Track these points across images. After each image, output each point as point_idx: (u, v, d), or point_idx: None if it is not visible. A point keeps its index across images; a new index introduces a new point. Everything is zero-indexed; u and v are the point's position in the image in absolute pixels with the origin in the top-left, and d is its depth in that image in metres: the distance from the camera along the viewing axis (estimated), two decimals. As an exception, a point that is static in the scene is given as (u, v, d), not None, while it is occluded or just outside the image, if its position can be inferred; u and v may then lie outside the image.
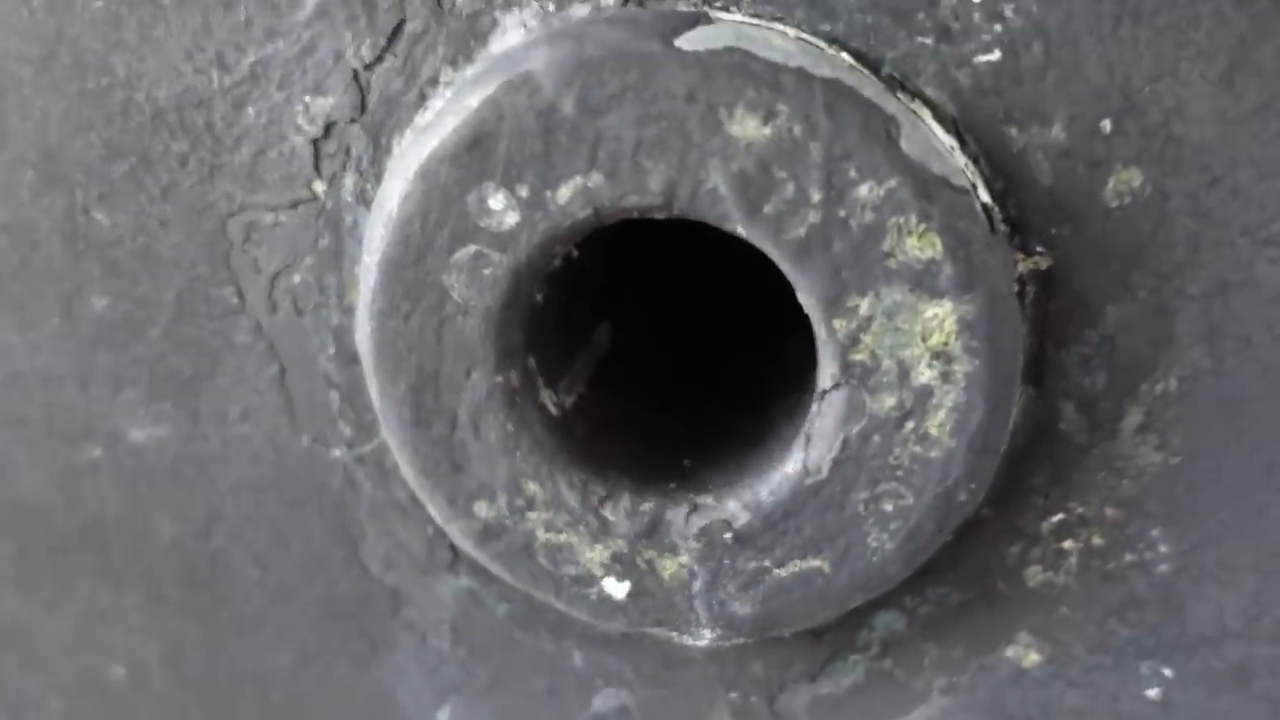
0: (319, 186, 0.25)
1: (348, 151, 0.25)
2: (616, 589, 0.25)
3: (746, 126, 0.21)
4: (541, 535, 0.25)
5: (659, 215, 0.22)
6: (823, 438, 0.23)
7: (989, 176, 0.22)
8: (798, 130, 0.21)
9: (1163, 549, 0.25)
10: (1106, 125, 0.22)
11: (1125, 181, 0.22)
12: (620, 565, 0.25)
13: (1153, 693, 0.26)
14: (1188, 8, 0.21)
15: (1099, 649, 0.26)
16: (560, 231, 0.23)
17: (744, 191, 0.22)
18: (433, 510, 0.26)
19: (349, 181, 0.25)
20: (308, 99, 0.25)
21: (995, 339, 0.22)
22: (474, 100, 0.22)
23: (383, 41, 0.24)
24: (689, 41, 0.21)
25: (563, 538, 0.25)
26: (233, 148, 0.26)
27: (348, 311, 0.26)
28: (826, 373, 0.23)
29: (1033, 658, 0.26)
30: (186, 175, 0.26)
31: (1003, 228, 0.22)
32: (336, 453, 0.28)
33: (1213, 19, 0.21)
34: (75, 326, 0.28)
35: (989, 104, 0.22)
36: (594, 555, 0.25)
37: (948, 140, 0.22)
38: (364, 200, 0.25)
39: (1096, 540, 0.25)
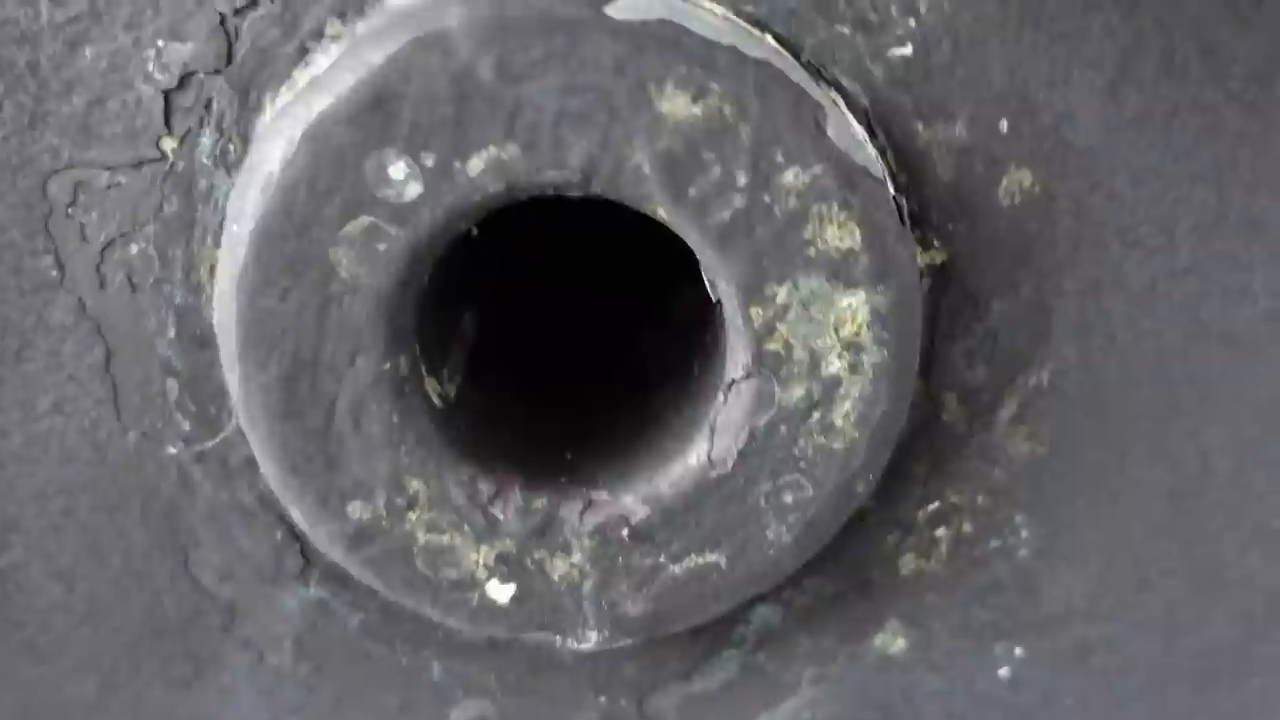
0: (168, 144, 0.22)
1: (207, 106, 0.22)
2: (500, 592, 0.24)
3: (676, 104, 0.20)
4: (422, 537, 0.23)
5: (574, 193, 0.21)
6: (728, 429, 0.23)
7: (894, 169, 0.23)
8: (728, 111, 0.20)
9: (1024, 534, 0.26)
10: (1004, 125, 0.23)
11: (1017, 181, 0.23)
12: (506, 567, 0.24)
13: (1004, 672, 0.28)
14: (1081, 18, 0.22)
15: (961, 632, 0.27)
16: (467, 206, 0.21)
17: (670, 172, 0.21)
18: (297, 513, 0.23)
19: (206, 140, 0.22)
20: (160, 43, 0.22)
21: (902, 331, 0.22)
22: (376, 57, 0.20)
23: (249, -8, 0.21)
24: (619, 10, 0.20)
25: (445, 539, 0.23)
26: (61, 94, 0.22)
27: (195, 289, 0.23)
28: (738, 362, 0.22)
29: (899, 644, 0.27)
30: (4, 122, 0.22)
31: (908, 221, 0.23)
32: (171, 450, 0.25)
33: (1102, 30, 0.22)
34: None
35: (899, 97, 0.22)
36: (478, 557, 0.24)
37: (860, 131, 0.22)
38: (224, 163, 0.22)
39: (966, 527, 0.26)
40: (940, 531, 0.26)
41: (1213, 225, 0.24)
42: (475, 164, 0.21)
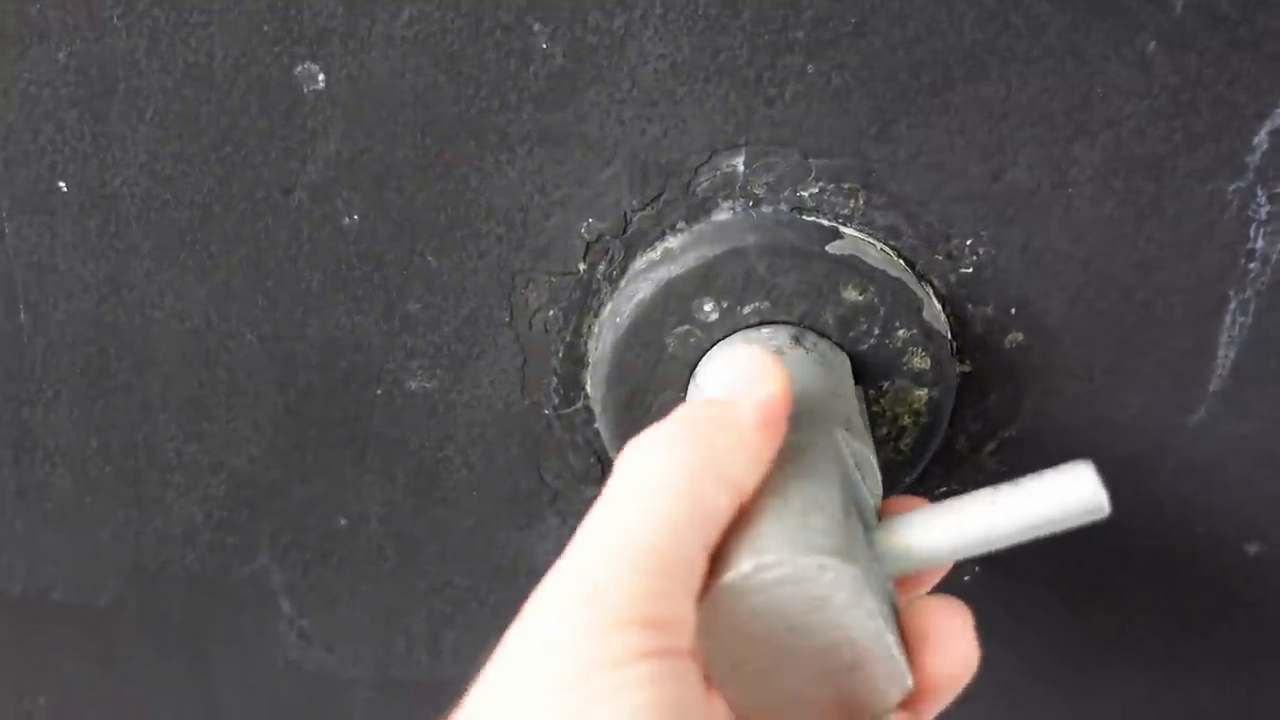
0: (581, 266, 0.43)
1: (606, 251, 0.43)
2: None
3: (851, 294, 0.41)
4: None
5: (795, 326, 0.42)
6: (845, 444, 0.44)
7: (953, 328, 0.43)
8: (875, 300, 0.41)
9: (988, 509, 0.48)
10: (1013, 310, 0.43)
11: (1015, 338, 0.44)
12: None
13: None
14: (1068, 250, 0.42)
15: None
16: (740, 325, 0.42)
17: (844, 321, 0.41)
18: (612, 453, 0.45)
19: (602, 267, 0.43)
20: (590, 221, 0.42)
21: (942, 406, 0.43)
22: (707, 252, 0.41)
23: (647, 200, 0.41)
24: (833, 248, 0.40)
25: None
26: (534, 236, 0.42)
27: (578, 337, 0.44)
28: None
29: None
30: (497, 247, 0.43)
31: (955, 353, 0.43)
32: (546, 411, 0.46)
33: (1071, 249, 0.43)
34: (394, 322, 0.44)
35: (961, 292, 0.43)
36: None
37: (939, 309, 0.42)
38: (610, 280, 0.43)
39: (957, 502, 0.48)
40: (943, 502, 0.48)
41: (1112, 368, 0.44)
42: (748, 308, 0.41)
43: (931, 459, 0.45)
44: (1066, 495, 0.31)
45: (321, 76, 0.39)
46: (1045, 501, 0.31)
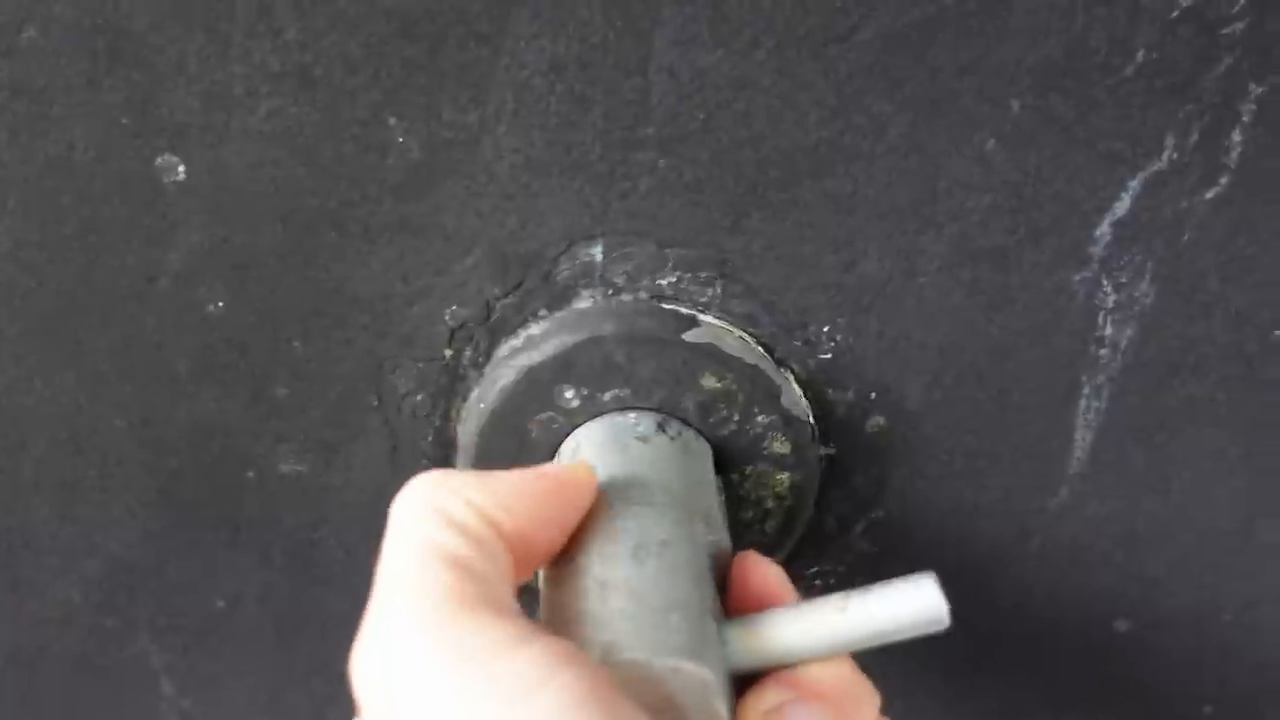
0: (448, 353, 0.43)
1: (470, 338, 0.43)
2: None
3: (710, 381, 0.41)
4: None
5: (655, 413, 0.42)
6: (712, 527, 0.45)
7: (816, 413, 0.44)
8: (734, 387, 0.42)
9: (861, 588, 0.48)
10: (874, 395, 0.44)
11: (876, 422, 0.44)
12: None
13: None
14: (923, 335, 0.43)
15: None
16: (602, 411, 0.42)
17: (704, 407, 0.42)
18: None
19: (468, 353, 0.43)
20: (454, 308, 0.42)
21: (806, 489, 0.44)
22: (568, 339, 0.41)
23: (508, 288, 0.42)
24: (689, 336, 0.41)
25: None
26: (399, 324, 0.43)
27: (446, 420, 0.44)
28: (722, 497, 0.44)
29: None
30: (363, 334, 0.43)
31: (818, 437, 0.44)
32: (418, 494, 0.46)
33: (924, 344, 0.43)
34: (262, 407, 0.44)
35: (820, 377, 0.43)
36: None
37: (800, 394, 0.43)
38: (475, 365, 0.43)
39: (832, 581, 0.48)
40: (817, 583, 0.48)
41: (973, 451, 0.45)
42: (608, 394, 0.42)
43: (801, 539, 0.46)
44: (910, 607, 0.32)
45: (182, 168, 0.40)
46: (890, 612, 0.32)
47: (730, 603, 0.36)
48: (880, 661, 0.50)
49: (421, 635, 0.26)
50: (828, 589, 0.46)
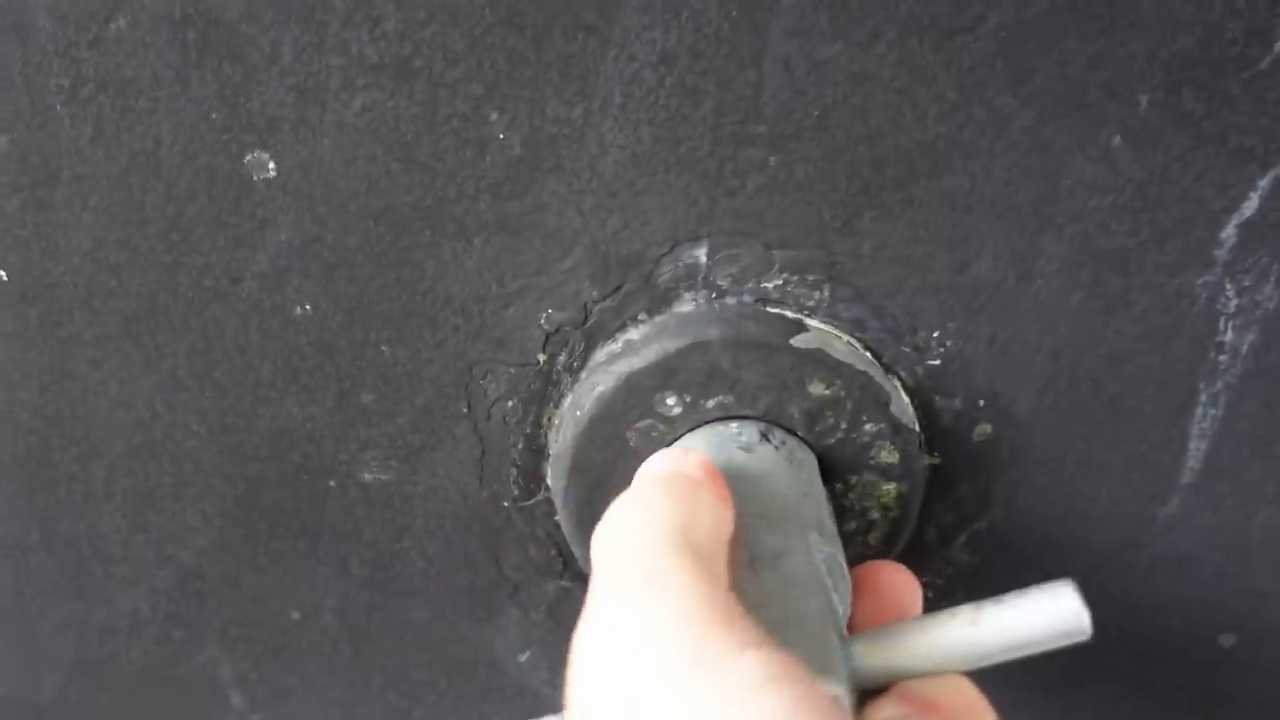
0: (541, 357, 0.42)
1: (565, 342, 0.41)
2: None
3: (818, 388, 0.40)
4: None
5: (762, 420, 0.41)
6: (812, 538, 0.43)
7: (922, 421, 0.42)
8: (842, 394, 0.40)
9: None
10: (981, 402, 0.42)
11: (983, 430, 0.43)
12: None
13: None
14: (1034, 340, 0.42)
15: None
16: (704, 419, 0.40)
17: (810, 415, 0.40)
18: (574, 547, 0.43)
19: (562, 358, 0.42)
20: (550, 311, 0.41)
21: (911, 499, 0.42)
22: (671, 344, 0.40)
23: (608, 291, 0.40)
24: (797, 341, 0.39)
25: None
26: (492, 327, 0.41)
27: (537, 428, 0.43)
28: (824, 508, 0.42)
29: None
30: (454, 337, 0.41)
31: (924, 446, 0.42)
32: (505, 503, 0.44)
33: (1035, 349, 0.42)
34: (348, 413, 0.43)
35: (928, 384, 0.42)
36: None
37: (907, 402, 0.42)
38: (569, 370, 0.42)
39: (930, 594, 0.46)
40: (913, 594, 0.47)
41: (1083, 460, 0.44)
42: (712, 402, 0.40)
43: (902, 552, 0.44)
44: (1049, 617, 0.30)
45: (272, 164, 0.38)
46: (1026, 623, 0.30)
47: (859, 613, 0.34)
48: (978, 675, 0.48)
49: (669, 635, 0.26)
50: (927, 604, 0.45)
